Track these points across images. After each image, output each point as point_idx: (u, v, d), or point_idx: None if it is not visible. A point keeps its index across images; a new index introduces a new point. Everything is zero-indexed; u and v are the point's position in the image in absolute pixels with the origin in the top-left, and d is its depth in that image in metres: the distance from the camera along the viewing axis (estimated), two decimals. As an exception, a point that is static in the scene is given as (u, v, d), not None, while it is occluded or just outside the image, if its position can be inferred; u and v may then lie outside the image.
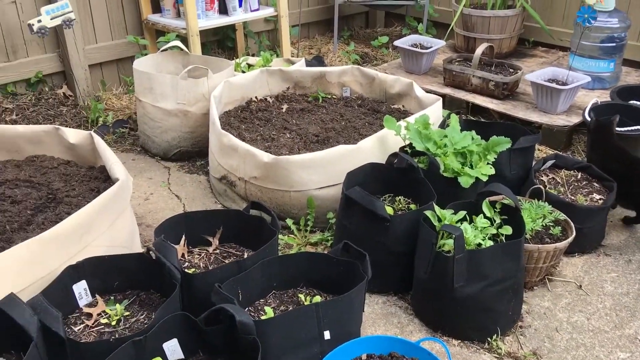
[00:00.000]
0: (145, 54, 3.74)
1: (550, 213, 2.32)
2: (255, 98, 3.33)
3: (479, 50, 3.66)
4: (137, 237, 2.31)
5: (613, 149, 2.58)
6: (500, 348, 1.97)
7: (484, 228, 2.04)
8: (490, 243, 1.99)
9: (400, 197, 2.39)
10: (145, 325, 1.76)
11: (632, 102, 3.19)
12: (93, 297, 1.88)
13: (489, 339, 2.00)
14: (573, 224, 2.31)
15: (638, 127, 2.87)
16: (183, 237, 2.16)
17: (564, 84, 3.38)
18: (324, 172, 2.51)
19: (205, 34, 4.10)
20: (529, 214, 2.26)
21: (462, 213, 2.06)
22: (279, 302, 1.92)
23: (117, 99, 3.82)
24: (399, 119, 2.70)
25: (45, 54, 3.64)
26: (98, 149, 2.38)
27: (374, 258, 1.93)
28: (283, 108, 3.26)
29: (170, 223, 2.14)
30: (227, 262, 2.11)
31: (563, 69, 3.53)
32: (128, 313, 1.83)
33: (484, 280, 1.91)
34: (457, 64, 3.83)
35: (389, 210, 2.17)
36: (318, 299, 1.87)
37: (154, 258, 1.86)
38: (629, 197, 2.56)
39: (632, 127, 2.86)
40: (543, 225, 2.29)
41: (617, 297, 2.23)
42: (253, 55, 4.41)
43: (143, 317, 1.82)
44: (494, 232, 2.06)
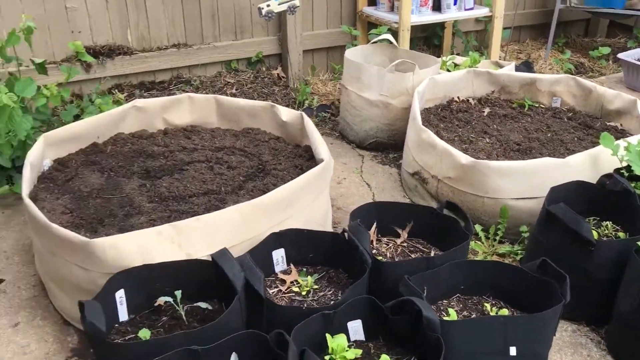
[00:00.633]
0: (355, 45, 3.88)
1: None
2: (457, 98, 3.28)
3: None
4: (330, 217, 2.43)
5: None
6: None
7: None
8: None
9: (608, 222, 2.20)
10: (332, 302, 1.84)
11: None
12: (287, 265, 2.02)
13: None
14: None
15: None
16: (374, 225, 2.22)
17: None
18: (524, 182, 2.40)
19: (414, 30, 4.13)
20: None
21: (683, 251, 1.84)
22: (462, 306, 1.89)
23: (322, 85, 4.02)
24: (617, 138, 2.47)
25: (267, 37, 3.96)
26: (306, 129, 2.54)
27: (570, 282, 1.81)
28: (485, 111, 3.17)
29: (363, 209, 2.20)
30: (413, 256, 2.13)
31: None
32: (317, 287, 1.93)
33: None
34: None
35: (594, 235, 2.01)
36: (505, 312, 1.81)
37: (347, 239, 1.93)
38: None
39: None
40: None
41: None
42: (458, 55, 4.34)
43: (330, 293, 1.91)
44: None
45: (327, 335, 1.59)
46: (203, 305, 1.77)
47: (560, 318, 2.06)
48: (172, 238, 1.87)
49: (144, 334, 1.66)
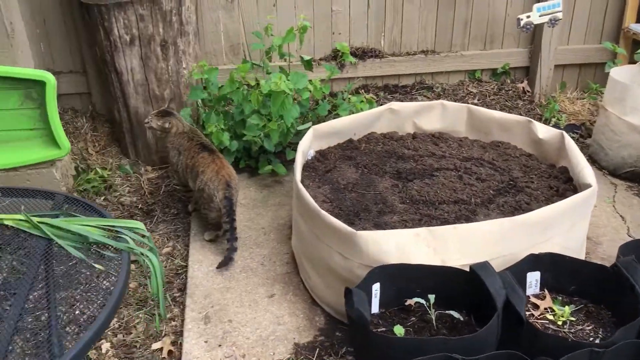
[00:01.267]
0: (616, 63, 3.56)
1: None
2: None
3: None
4: (584, 245, 2.27)
5: None
6: None
7: None
8: None
9: None
10: (591, 339, 1.72)
11: None
12: (541, 290, 1.93)
13: None
14: None
15: None
16: (642, 263, 2.01)
17: None
18: None
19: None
20: None
21: None
22: None
23: (570, 103, 3.77)
24: None
25: (517, 48, 3.83)
26: (567, 150, 2.40)
27: None
28: None
29: (635, 245, 2.02)
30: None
31: None
32: (573, 319, 1.82)
33: None
34: None
35: None
36: None
37: (617, 274, 1.78)
38: None
39: None
40: None
41: None
42: None
43: (590, 329, 1.78)
44: None
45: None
46: (455, 315, 1.78)
47: None
48: (428, 242, 1.90)
49: (398, 330, 1.71)
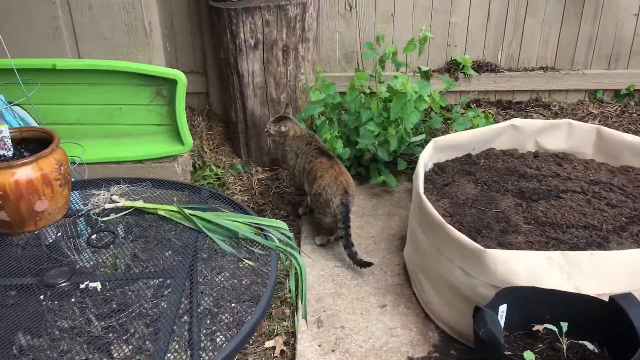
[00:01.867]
0: None
1: None
2: None
3: None
4: None
5: None
6: None
7: None
8: None
9: None
10: None
11: None
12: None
13: None
14: None
15: None
16: None
17: None
18: None
19: None
20: None
21: None
22: None
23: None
24: None
25: (644, 69, 3.63)
26: None
27: None
28: None
29: None
30: None
31: None
32: None
33: None
34: None
35: None
36: None
37: None
38: None
39: None
40: None
41: None
42: None
43: None
44: None
45: None
46: (590, 346, 1.68)
47: None
48: (561, 267, 1.81)
49: (529, 357, 1.64)
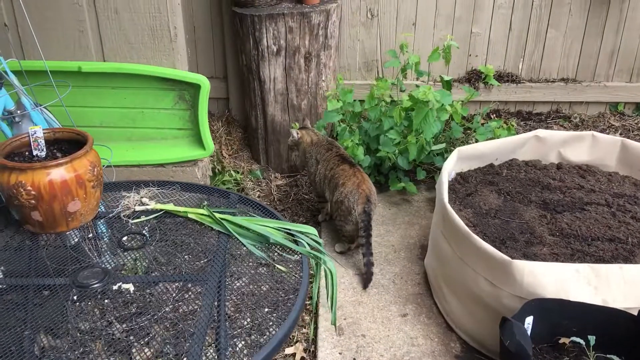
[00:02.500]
0: None
1: None
2: None
3: None
4: None
5: None
6: None
7: None
8: None
9: None
10: None
11: None
12: None
13: None
14: None
15: None
16: None
17: None
18: None
19: None
20: None
21: None
22: None
23: None
24: None
25: (666, 83, 3.60)
26: None
27: None
28: None
29: None
30: None
31: None
32: None
33: None
34: None
35: None
36: None
37: None
38: None
39: None
40: None
41: None
42: None
43: None
44: None
45: None
46: (617, 360, 1.66)
47: None
48: (589, 280, 1.80)
49: (556, 370, 1.62)
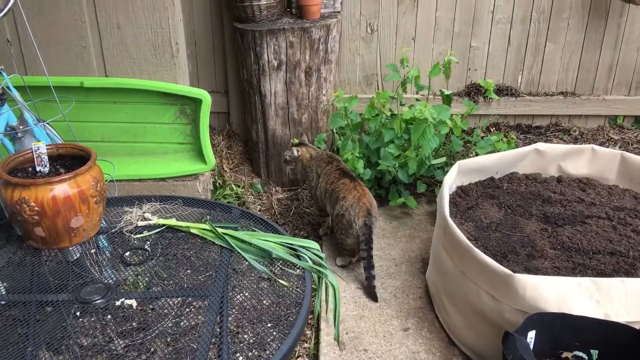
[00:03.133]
0: None
1: None
2: None
3: None
4: None
5: None
6: None
7: None
8: None
9: None
10: None
11: None
12: None
13: None
14: None
15: None
16: None
17: None
18: None
19: None
20: None
21: None
22: None
23: None
24: None
25: (664, 96, 3.62)
26: None
27: None
28: None
29: None
30: None
31: None
32: None
33: None
34: None
35: None
36: None
37: None
38: None
39: None
40: None
41: None
42: None
43: None
44: None
45: None
46: (621, 375, 1.65)
47: None
48: (591, 293, 1.80)
49: (560, 384, 1.62)
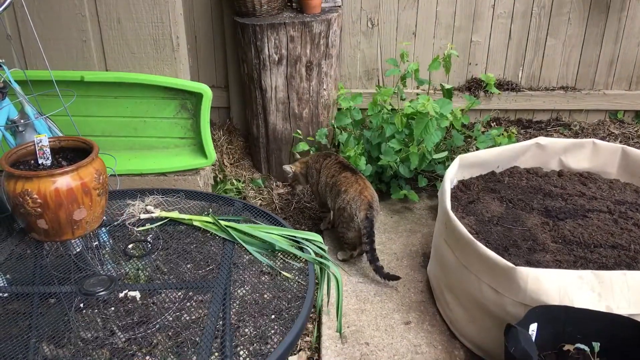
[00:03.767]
0: None
1: None
2: None
3: None
4: None
5: None
6: None
7: None
8: None
9: None
10: None
11: None
12: None
13: None
14: None
15: None
16: None
17: None
18: None
19: None
20: None
21: None
22: None
23: None
24: None
25: (666, 91, 3.62)
26: None
27: None
28: None
29: None
30: None
31: None
32: None
33: None
34: None
35: None
36: None
37: None
38: None
39: None
40: None
41: None
42: None
43: None
44: None
45: None
46: (623, 367, 1.66)
47: None
48: (592, 286, 1.80)
49: (562, 376, 1.62)
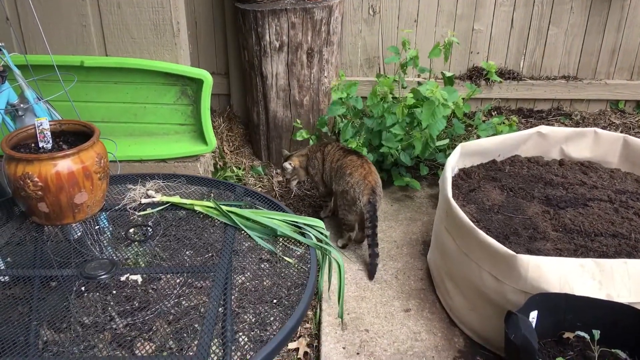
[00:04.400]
0: None
1: None
2: None
3: None
4: None
5: None
6: None
7: None
8: None
9: None
10: None
11: None
12: None
13: None
14: None
15: None
16: None
17: None
18: None
19: None
20: None
21: None
22: None
23: None
24: None
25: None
26: None
27: None
28: None
29: None
30: None
31: None
32: None
33: None
34: None
35: None
36: None
37: None
38: None
39: None
40: None
41: None
42: None
43: None
44: None
45: None
46: (622, 355, 1.66)
47: None
48: (593, 274, 1.80)
49: (562, 364, 1.62)
